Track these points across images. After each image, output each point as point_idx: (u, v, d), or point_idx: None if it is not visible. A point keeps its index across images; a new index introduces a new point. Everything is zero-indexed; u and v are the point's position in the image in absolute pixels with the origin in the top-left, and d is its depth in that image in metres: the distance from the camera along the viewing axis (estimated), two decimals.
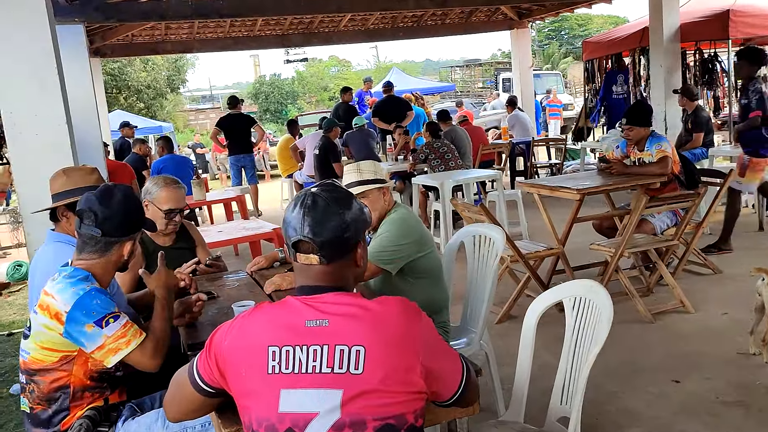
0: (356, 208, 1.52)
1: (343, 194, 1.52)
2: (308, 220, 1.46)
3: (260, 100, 42.22)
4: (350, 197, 1.53)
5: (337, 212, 1.47)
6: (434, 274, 2.87)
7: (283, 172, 10.32)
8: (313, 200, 1.48)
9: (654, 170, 4.77)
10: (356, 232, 1.51)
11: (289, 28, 10.53)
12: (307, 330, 1.40)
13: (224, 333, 1.46)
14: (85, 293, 1.91)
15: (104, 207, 2.00)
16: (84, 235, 2.02)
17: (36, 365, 1.97)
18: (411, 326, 1.46)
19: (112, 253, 2.06)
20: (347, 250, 1.50)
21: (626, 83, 9.87)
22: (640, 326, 4.19)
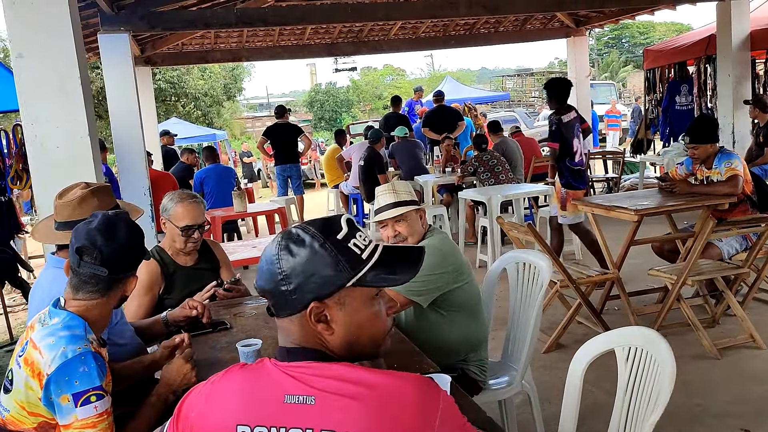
0: (306, 256, 1.13)
1: (295, 237, 1.16)
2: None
3: (315, 109, 42.63)
4: (304, 241, 1.15)
5: (274, 256, 1.16)
6: (472, 307, 2.59)
7: (330, 183, 10.18)
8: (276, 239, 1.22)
9: (722, 190, 4.35)
10: (301, 288, 1.13)
11: (338, 37, 10.40)
12: (285, 408, 1.10)
13: (193, 401, 1.20)
14: (74, 356, 1.67)
15: (109, 242, 1.78)
16: (83, 275, 1.79)
17: (13, 426, 1.75)
18: (429, 415, 1.09)
19: (116, 292, 1.84)
20: (294, 307, 1.15)
21: (690, 94, 9.33)
22: (705, 362, 3.79)
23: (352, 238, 1.17)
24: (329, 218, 1.21)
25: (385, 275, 1.18)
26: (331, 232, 1.16)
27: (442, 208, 7.43)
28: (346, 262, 1.14)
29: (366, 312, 1.18)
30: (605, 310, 4.77)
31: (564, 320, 4.24)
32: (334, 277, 1.13)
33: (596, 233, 4.68)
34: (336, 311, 1.15)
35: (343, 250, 1.15)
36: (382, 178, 7.82)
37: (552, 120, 5.64)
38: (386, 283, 1.19)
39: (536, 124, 17.75)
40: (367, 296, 1.18)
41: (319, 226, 1.18)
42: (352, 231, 1.18)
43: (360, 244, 1.17)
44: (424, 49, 11.87)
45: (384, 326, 1.22)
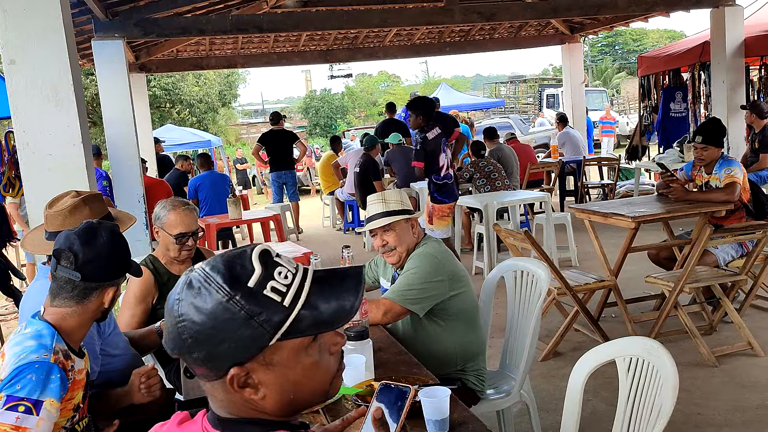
0: (212, 318, 0.90)
1: (197, 290, 0.92)
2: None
3: (310, 115, 42.66)
4: (208, 298, 0.91)
5: (177, 318, 0.93)
6: (469, 316, 2.56)
7: (325, 189, 10.15)
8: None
9: (719, 197, 4.34)
10: (213, 355, 0.92)
11: (333, 44, 10.39)
12: None
13: None
14: (29, 362, 1.63)
15: (87, 247, 1.75)
16: (60, 279, 1.76)
17: None
18: None
19: (91, 301, 1.79)
20: (212, 374, 0.94)
21: (685, 101, 9.36)
22: (703, 370, 3.77)
23: (269, 281, 0.92)
24: (236, 257, 0.94)
25: (317, 321, 0.94)
26: (240, 281, 0.91)
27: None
28: (264, 318, 0.91)
29: (301, 366, 0.96)
30: (602, 318, 4.75)
31: (561, 328, 4.22)
32: (250, 339, 0.91)
33: (593, 240, 4.66)
34: (263, 373, 0.94)
35: (258, 302, 0.91)
36: (378, 184, 7.80)
37: (417, 139, 5.63)
38: (320, 329, 0.96)
39: (531, 131, 17.77)
40: (300, 347, 0.95)
41: (224, 274, 0.92)
42: (269, 270, 0.93)
43: (280, 286, 0.92)
44: (419, 55, 11.87)
45: (328, 375, 1.00)
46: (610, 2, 7.65)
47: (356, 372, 1.76)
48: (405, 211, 2.53)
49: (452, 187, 5.80)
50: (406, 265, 2.51)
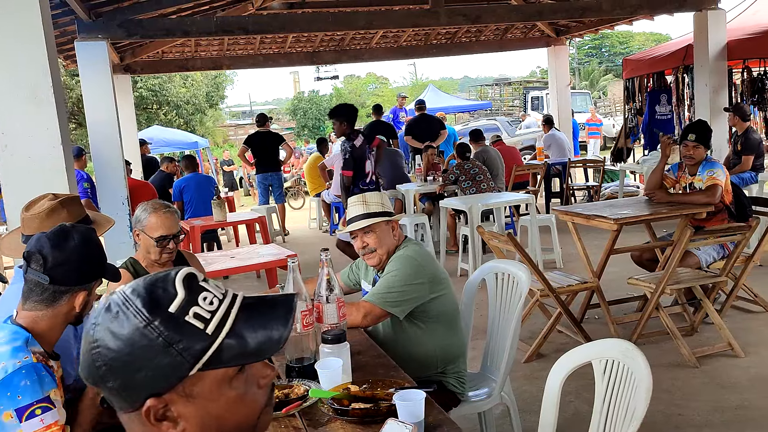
0: (129, 345, 0.85)
1: (114, 314, 0.87)
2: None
3: (298, 116, 42.67)
4: (125, 323, 0.86)
5: (91, 343, 0.87)
6: (449, 318, 2.57)
7: (311, 191, 10.13)
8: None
9: (700, 199, 4.38)
10: (128, 385, 0.86)
11: (320, 45, 10.39)
12: None
13: None
14: (15, 371, 1.60)
15: (57, 250, 1.73)
16: (30, 282, 1.74)
17: None
18: None
19: (61, 305, 1.77)
20: (127, 405, 0.88)
21: (669, 103, 9.44)
22: (683, 371, 3.80)
23: (191, 306, 0.87)
24: (158, 280, 0.89)
25: (243, 351, 0.88)
26: (160, 305, 0.86)
27: (423, 217, 7.42)
28: (184, 346, 0.85)
29: (225, 399, 0.89)
30: (585, 319, 4.78)
31: (544, 330, 4.23)
32: (169, 368, 0.85)
33: (576, 242, 4.69)
34: (182, 405, 0.87)
35: (179, 329, 0.85)
36: None
37: (345, 147, 5.61)
38: (246, 360, 0.90)
39: (518, 133, 17.84)
40: (223, 379, 0.89)
41: (144, 297, 0.87)
42: (193, 295, 0.88)
43: (204, 312, 0.87)
44: (406, 57, 11.90)
45: (255, 409, 0.93)
46: (595, 5, 7.70)
47: (333, 375, 1.76)
48: (385, 213, 2.53)
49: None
50: (386, 268, 2.51)
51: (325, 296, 2.02)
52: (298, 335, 1.94)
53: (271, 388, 0.97)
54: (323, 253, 2.07)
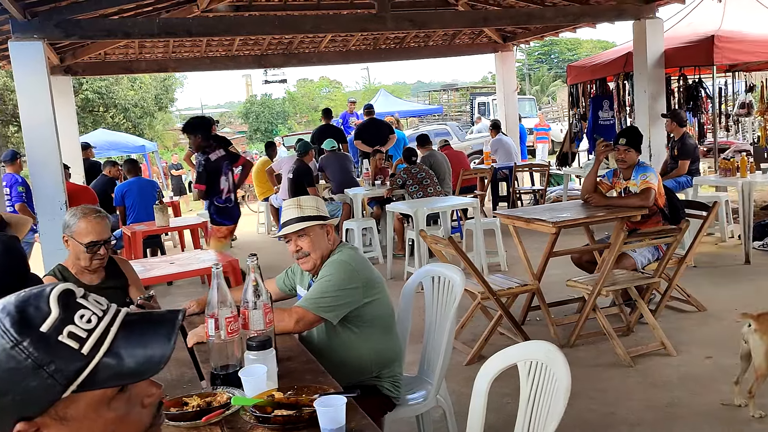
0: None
1: None
2: None
3: (251, 120, 42.29)
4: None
5: None
6: (384, 322, 2.57)
7: (260, 196, 10.03)
8: None
9: (635, 202, 4.51)
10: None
11: (268, 49, 10.29)
12: None
13: None
14: None
15: None
16: None
17: None
18: None
19: None
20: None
21: (611, 109, 9.69)
22: (619, 371, 3.90)
23: (66, 325, 0.82)
24: (31, 297, 0.84)
25: (122, 371, 0.84)
26: (31, 324, 0.81)
27: (371, 221, 7.44)
28: (56, 367, 0.81)
29: (103, 421, 0.85)
30: (527, 321, 4.86)
31: (485, 332, 4.28)
32: (39, 391, 0.80)
33: (517, 245, 4.76)
34: (56, 429, 0.83)
35: (50, 349, 0.81)
36: (312, 191, 7.75)
37: (199, 160, 5.61)
38: (125, 381, 0.85)
39: (468, 137, 18.04)
40: (101, 400, 0.85)
41: (14, 316, 0.82)
42: (68, 312, 0.83)
43: (80, 331, 0.83)
44: (355, 62, 11.90)
45: (137, 430, 0.90)
46: (539, 13, 7.85)
47: (257, 382, 1.74)
48: (320, 217, 2.52)
49: (232, 210, 5.85)
50: (320, 272, 2.50)
51: (252, 302, 2.00)
52: (222, 342, 1.91)
53: (157, 407, 0.93)
54: (250, 259, 2.05)
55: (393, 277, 6.57)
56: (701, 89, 8.57)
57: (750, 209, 5.99)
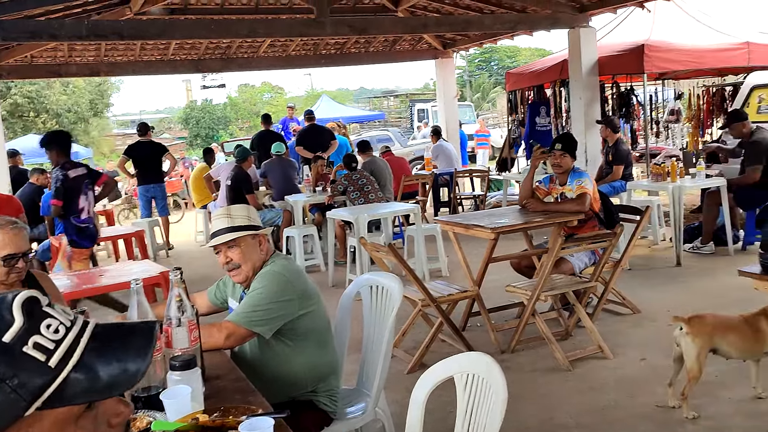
0: None
1: None
2: None
3: (191, 125, 41.51)
4: None
5: None
6: (320, 335, 2.49)
7: (197, 203, 9.78)
8: None
9: (571, 208, 4.57)
10: None
11: (205, 53, 10.07)
12: None
13: None
14: None
15: None
16: None
17: None
18: None
19: None
20: None
21: (548, 115, 9.88)
22: (558, 375, 3.92)
23: (32, 335, 0.76)
24: None
25: (92, 387, 0.78)
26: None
27: (312, 228, 7.34)
28: (20, 381, 0.75)
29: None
30: (468, 327, 4.86)
31: (426, 339, 4.25)
32: (1, 407, 0.74)
33: (457, 251, 4.76)
34: None
35: (14, 361, 0.75)
36: (251, 198, 7.60)
37: (57, 176, 5.53)
38: (95, 397, 0.79)
39: (410, 143, 18.13)
40: (68, 418, 0.79)
41: None
42: (34, 322, 0.77)
43: (47, 342, 0.77)
44: (295, 67, 11.78)
45: None
46: (477, 20, 7.94)
47: (180, 404, 1.64)
48: (251, 227, 2.43)
49: (92, 231, 5.78)
50: (252, 285, 2.40)
51: (175, 319, 1.89)
52: None
53: (125, 427, 0.87)
54: (173, 273, 1.94)
55: (335, 285, 6.49)
56: (633, 96, 8.83)
57: (680, 213, 6.17)
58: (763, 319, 3.17)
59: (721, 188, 6.27)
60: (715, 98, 10.20)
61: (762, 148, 6.18)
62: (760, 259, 2.63)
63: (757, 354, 3.21)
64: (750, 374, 3.36)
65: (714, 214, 6.41)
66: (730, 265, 5.97)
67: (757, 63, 8.21)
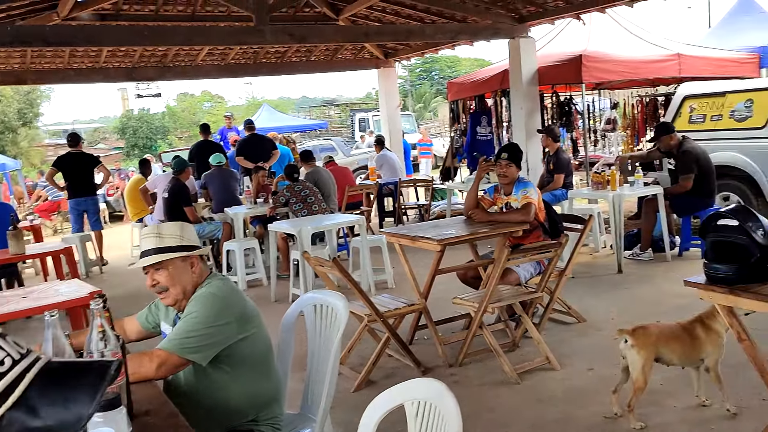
0: None
1: None
2: None
3: (128, 135, 40.43)
4: None
5: None
6: (260, 360, 2.34)
7: (133, 216, 9.40)
8: None
9: (516, 218, 4.55)
10: None
11: (139, 61, 9.71)
12: None
13: None
14: None
15: None
16: None
17: None
18: None
19: None
20: None
21: (490, 124, 9.96)
22: (507, 389, 3.87)
23: None
24: None
25: (30, 427, 0.72)
26: None
27: (253, 241, 7.13)
28: None
29: None
30: (416, 340, 4.77)
31: (373, 356, 4.13)
32: None
33: (404, 264, 4.67)
34: None
35: None
36: (189, 211, 7.34)
37: None
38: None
39: (353, 153, 18.04)
40: None
41: None
42: None
43: None
44: (235, 76, 11.53)
45: None
46: (418, 30, 7.92)
47: None
48: (182, 248, 2.26)
49: None
50: (186, 308, 2.24)
51: (96, 353, 1.71)
52: None
53: None
54: (94, 302, 1.76)
55: (277, 300, 6.31)
56: (572, 106, 8.97)
57: (621, 221, 6.27)
58: (698, 326, 3.21)
59: (658, 196, 6.41)
60: (648, 108, 10.50)
61: (692, 158, 6.36)
62: (705, 269, 2.63)
63: (695, 361, 3.24)
64: (692, 382, 3.39)
65: (652, 221, 6.54)
66: (668, 272, 6.13)
67: (688, 74, 8.48)
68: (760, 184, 6.87)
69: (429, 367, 4.26)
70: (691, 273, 2.86)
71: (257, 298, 6.57)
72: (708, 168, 6.39)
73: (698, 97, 7.73)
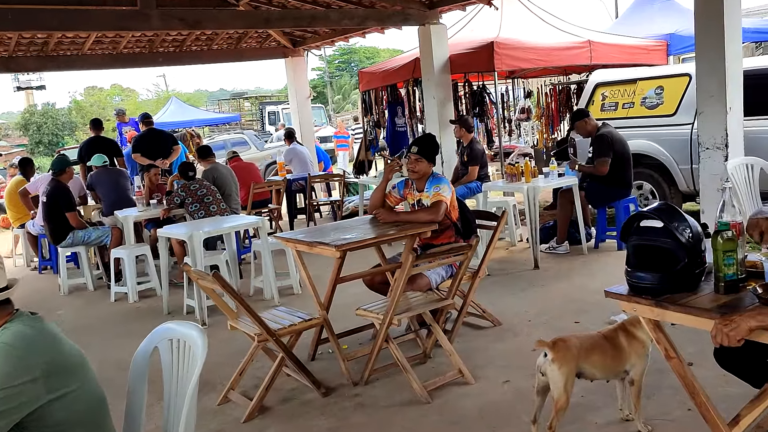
0: None
1: None
2: None
3: (31, 132, 38.18)
4: None
5: None
6: (85, 422, 1.82)
7: (15, 222, 8.50)
8: None
9: (424, 217, 4.15)
10: None
11: (17, 50, 8.74)
12: None
13: None
14: None
15: None
16: None
17: None
18: None
19: None
20: None
21: (404, 115, 9.59)
22: (417, 409, 3.46)
23: None
24: None
25: None
26: None
27: (145, 247, 6.45)
28: None
29: None
30: (319, 356, 4.32)
31: (266, 379, 3.64)
32: None
33: (301, 271, 4.20)
34: None
35: None
36: (71, 216, 6.60)
37: None
38: None
39: (267, 146, 17.34)
40: None
41: None
42: None
43: None
44: (128, 66, 10.66)
45: None
46: (322, 15, 7.43)
47: None
48: None
49: None
50: None
51: None
52: None
53: None
54: None
55: (171, 312, 5.70)
56: (486, 95, 8.72)
57: (536, 214, 6.02)
58: (621, 334, 2.90)
59: (573, 187, 6.19)
60: (561, 96, 10.41)
61: (607, 141, 6.17)
62: (628, 278, 2.29)
63: (619, 372, 2.93)
64: (616, 393, 3.09)
65: (568, 212, 6.32)
66: (585, 266, 5.92)
67: (599, 61, 8.39)
68: (672, 172, 6.79)
69: (331, 386, 3.81)
70: (608, 266, 2.54)
71: (149, 310, 5.95)
72: (624, 156, 6.22)
73: (610, 84, 7.60)
